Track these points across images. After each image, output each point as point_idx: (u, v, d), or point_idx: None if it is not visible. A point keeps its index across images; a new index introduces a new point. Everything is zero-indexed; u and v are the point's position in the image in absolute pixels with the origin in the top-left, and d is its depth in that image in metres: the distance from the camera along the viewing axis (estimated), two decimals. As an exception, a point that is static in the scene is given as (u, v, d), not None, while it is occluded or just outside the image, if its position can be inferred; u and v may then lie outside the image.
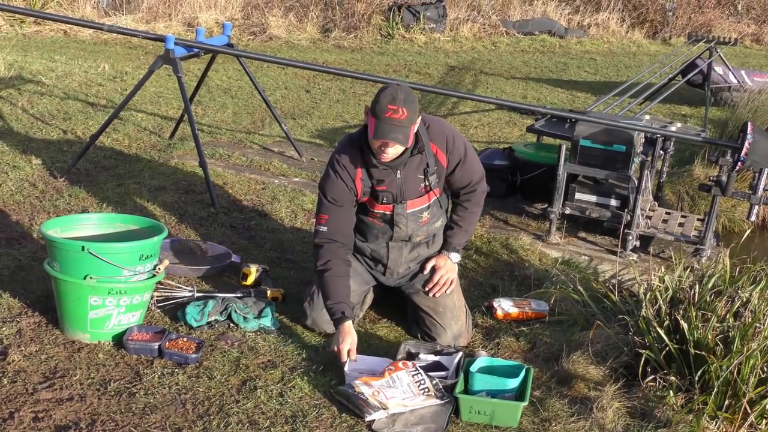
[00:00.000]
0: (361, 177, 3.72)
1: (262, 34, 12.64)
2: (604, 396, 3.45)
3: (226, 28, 6.03)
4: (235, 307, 3.85)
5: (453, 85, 10.81)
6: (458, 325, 3.92)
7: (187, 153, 6.26)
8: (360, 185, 3.73)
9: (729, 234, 6.65)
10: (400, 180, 3.74)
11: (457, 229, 3.98)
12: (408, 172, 3.74)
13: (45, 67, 8.68)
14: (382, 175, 3.72)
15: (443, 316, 3.90)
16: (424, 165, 3.76)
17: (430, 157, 3.76)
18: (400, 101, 3.47)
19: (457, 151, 3.80)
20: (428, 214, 3.89)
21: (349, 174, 3.70)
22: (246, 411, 3.19)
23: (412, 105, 3.50)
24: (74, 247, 3.47)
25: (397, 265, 3.97)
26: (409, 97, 3.52)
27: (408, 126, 3.50)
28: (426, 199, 3.85)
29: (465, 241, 4.07)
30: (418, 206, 3.84)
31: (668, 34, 16.19)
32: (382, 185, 3.74)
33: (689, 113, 9.86)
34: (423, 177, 3.77)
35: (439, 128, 3.80)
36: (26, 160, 5.74)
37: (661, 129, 5.47)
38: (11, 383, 3.20)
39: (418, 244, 3.97)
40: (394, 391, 3.31)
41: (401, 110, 3.46)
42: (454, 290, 3.99)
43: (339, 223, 3.74)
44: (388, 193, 3.77)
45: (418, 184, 3.78)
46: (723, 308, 3.70)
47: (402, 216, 3.83)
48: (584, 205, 5.40)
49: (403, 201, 3.79)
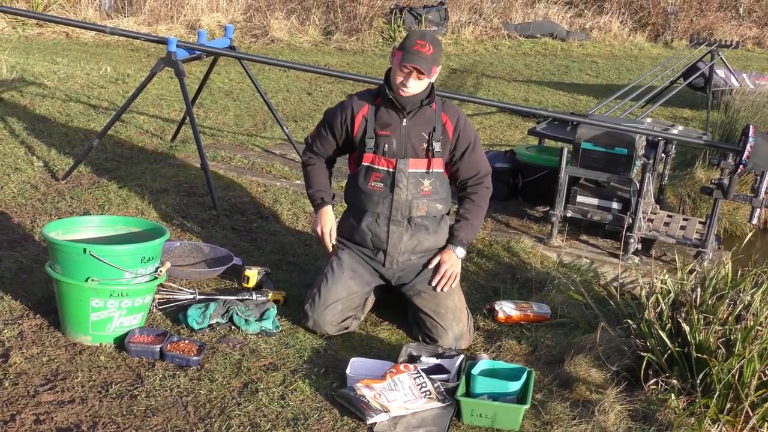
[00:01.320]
0: (364, 114, 3.91)
1: (264, 36, 12.66)
2: (605, 399, 3.45)
3: (228, 31, 6.03)
4: (236, 310, 3.85)
5: (455, 87, 10.82)
6: (459, 327, 3.92)
7: (189, 155, 6.27)
8: (360, 123, 3.91)
9: (731, 237, 6.65)
10: (404, 129, 3.86)
11: (464, 222, 4.02)
12: (413, 125, 3.88)
13: (47, 70, 8.69)
14: (388, 118, 3.88)
15: (444, 317, 3.90)
16: (431, 127, 3.89)
17: (438, 123, 3.90)
18: (429, 38, 3.76)
19: (467, 135, 3.95)
20: (429, 184, 3.93)
21: (353, 109, 3.93)
22: (247, 413, 3.19)
23: (438, 47, 3.78)
24: (76, 250, 3.47)
25: (397, 251, 3.96)
26: (436, 39, 3.81)
27: (432, 62, 3.74)
28: (431, 164, 3.91)
29: (471, 236, 4.07)
30: (421, 168, 3.91)
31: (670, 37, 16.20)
32: (386, 129, 3.87)
33: (691, 116, 9.86)
34: (427, 138, 3.87)
35: (453, 107, 4.00)
36: (28, 162, 5.74)
37: (662, 132, 5.47)
38: (12, 385, 3.20)
39: (418, 227, 3.95)
40: (396, 394, 3.31)
41: (428, 45, 3.72)
42: (456, 292, 3.98)
43: (320, 145, 4.08)
44: (390, 140, 3.86)
45: (421, 143, 3.89)
46: (725, 311, 3.69)
47: (403, 174, 3.87)
48: (586, 207, 5.40)
49: (405, 156, 3.87)
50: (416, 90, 3.80)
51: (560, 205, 5.29)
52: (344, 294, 3.90)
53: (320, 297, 3.87)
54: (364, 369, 3.50)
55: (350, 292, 3.90)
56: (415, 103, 3.85)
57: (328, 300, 3.87)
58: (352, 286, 3.91)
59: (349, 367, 3.48)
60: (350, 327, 3.96)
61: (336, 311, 3.87)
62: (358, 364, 3.53)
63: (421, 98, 3.85)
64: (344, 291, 3.91)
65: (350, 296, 3.89)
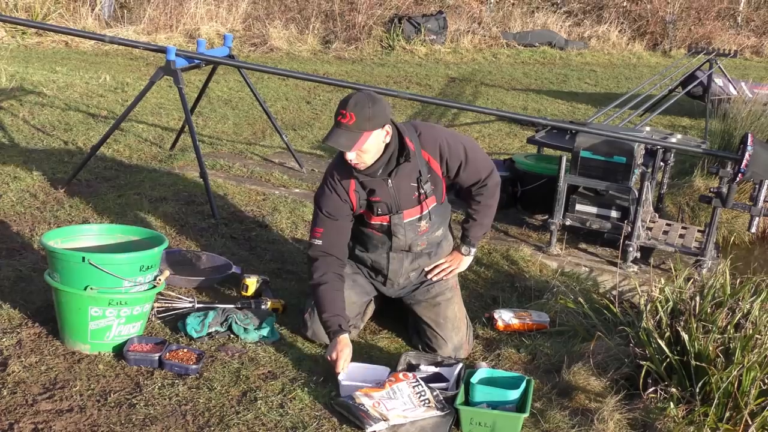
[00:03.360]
0: (354, 188, 3.72)
1: (263, 45, 12.67)
2: (604, 407, 3.45)
3: (227, 40, 6.05)
4: (235, 318, 3.85)
5: (454, 96, 10.84)
6: (459, 337, 3.91)
7: (188, 164, 6.27)
8: (354, 197, 3.73)
9: (729, 245, 6.65)
10: (392, 189, 3.72)
11: (473, 222, 3.99)
12: (400, 181, 3.72)
13: (46, 78, 8.70)
14: (374, 185, 3.71)
15: (444, 327, 3.90)
16: (417, 173, 3.73)
17: (422, 165, 3.73)
18: (351, 106, 3.43)
19: (456, 155, 3.76)
20: (426, 223, 3.87)
21: (343, 187, 3.71)
22: (246, 422, 3.18)
23: (364, 110, 3.43)
24: (75, 258, 3.46)
25: (398, 275, 3.97)
26: (363, 102, 3.45)
27: (357, 131, 3.44)
28: (421, 209, 3.82)
29: (482, 234, 4.05)
30: (414, 215, 3.82)
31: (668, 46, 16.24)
32: (376, 196, 3.73)
33: (689, 125, 9.88)
34: (416, 185, 3.75)
35: (431, 135, 3.75)
36: (27, 170, 5.74)
37: (661, 140, 5.47)
38: (11, 394, 3.19)
39: (420, 254, 3.96)
40: (395, 403, 3.31)
41: (349, 115, 3.42)
42: (455, 301, 3.99)
43: (334, 236, 3.74)
44: (382, 204, 3.76)
45: (412, 192, 3.76)
46: (724, 319, 3.69)
47: (399, 226, 3.82)
48: (585, 216, 5.40)
49: (399, 211, 3.78)
50: (370, 159, 3.57)
51: (559, 214, 5.30)
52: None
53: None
54: (357, 376, 3.49)
55: (349, 302, 3.88)
56: (386, 164, 3.63)
57: None
58: (351, 296, 3.91)
59: (342, 374, 3.47)
60: (350, 335, 3.95)
61: None
62: (351, 369, 3.53)
63: (387, 158, 3.62)
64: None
65: (349, 306, 3.88)
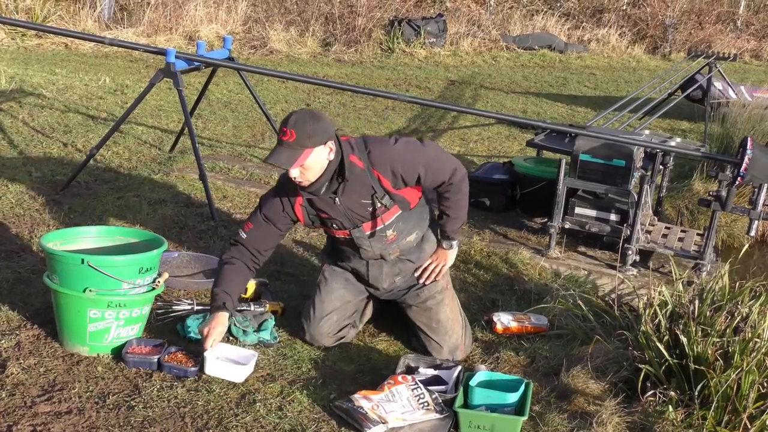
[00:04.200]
0: (301, 203, 3.68)
1: (263, 47, 12.68)
2: (603, 411, 3.45)
3: (227, 42, 6.05)
4: (234, 320, 3.85)
5: (453, 99, 10.84)
6: (453, 339, 3.90)
7: (187, 166, 6.27)
8: (301, 212, 3.69)
9: (728, 249, 6.65)
10: (341, 207, 3.65)
11: (447, 218, 3.89)
12: (349, 199, 3.63)
13: (46, 80, 8.71)
14: (321, 204, 3.65)
15: (437, 332, 3.88)
16: (370, 190, 3.62)
17: (374, 183, 3.62)
18: (291, 123, 3.40)
19: (411, 172, 3.63)
20: (393, 232, 3.78)
21: (290, 200, 3.68)
22: (245, 425, 3.18)
23: (304, 127, 3.40)
24: (74, 260, 3.47)
25: (379, 281, 3.92)
26: (304, 119, 3.43)
27: (297, 149, 3.39)
28: (386, 217, 3.72)
29: (459, 226, 3.95)
30: (378, 226, 3.72)
31: (668, 49, 16.24)
32: (325, 213, 3.69)
33: (689, 128, 9.88)
34: (370, 202, 3.65)
35: (381, 155, 3.62)
36: (26, 172, 5.74)
37: (660, 144, 5.48)
38: (10, 396, 3.19)
39: (399, 260, 3.90)
40: (394, 405, 3.31)
41: (289, 132, 3.39)
42: (447, 302, 3.95)
43: (260, 237, 3.74)
44: (336, 221, 3.71)
45: (367, 207, 3.67)
46: (722, 323, 3.69)
47: (363, 239, 3.75)
48: (584, 219, 5.40)
49: (358, 225, 3.72)
50: (313, 176, 3.51)
51: (558, 217, 5.30)
52: (338, 304, 3.89)
53: (314, 310, 3.87)
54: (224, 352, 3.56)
55: (344, 301, 3.90)
56: (329, 183, 3.57)
57: (323, 311, 3.86)
58: (346, 296, 3.91)
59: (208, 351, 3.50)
60: (348, 336, 3.95)
61: (331, 322, 3.87)
62: (220, 348, 3.58)
63: (330, 176, 3.56)
64: (338, 301, 3.90)
65: (344, 305, 3.89)
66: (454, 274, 4.90)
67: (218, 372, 3.45)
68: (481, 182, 6.18)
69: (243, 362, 3.52)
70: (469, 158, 7.69)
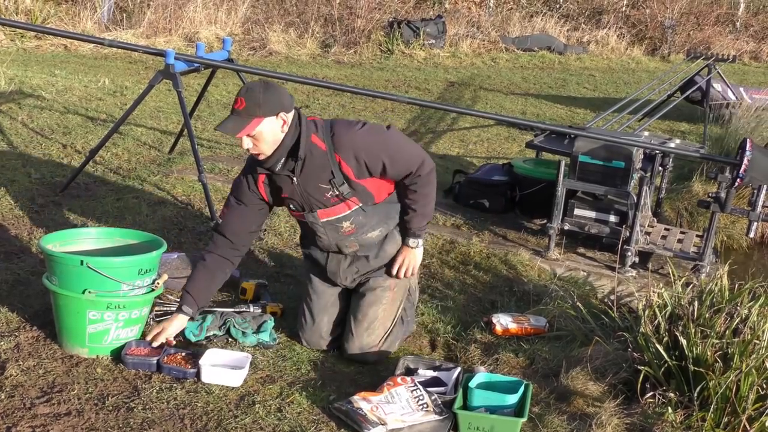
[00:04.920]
0: (263, 180, 3.71)
1: (262, 49, 12.68)
2: (603, 412, 3.45)
3: (227, 44, 6.05)
4: (233, 322, 3.85)
5: (452, 100, 10.84)
6: (370, 339, 3.81)
7: (187, 167, 6.27)
8: (264, 189, 3.72)
9: (728, 250, 6.65)
10: (298, 188, 3.64)
11: (413, 213, 3.80)
12: (306, 180, 3.62)
13: (45, 82, 8.71)
14: (279, 181, 3.67)
15: (359, 323, 3.81)
16: (328, 174, 3.60)
17: (334, 167, 3.60)
18: (243, 92, 3.50)
19: (374, 161, 3.61)
20: (350, 225, 3.73)
21: (253, 177, 3.71)
22: (244, 426, 3.18)
23: (254, 96, 3.46)
24: (73, 262, 3.47)
25: (337, 276, 3.89)
26: (256, 88, 3.50)
27: (246, 118, 3.46)
28: (343, 208, 3.69)
29: (425, 223, 3.84)
30: (333, 215, 3.70)
31: (667, 50, 16.24)
32: (283, 192, 3.69)
33: (688, 130, 9.88)
34: (329, 187, 3.63)
35: (345, 139, 3.61)
36: (25, 174, 5.74)
37: (660, 145, 5.48)
38: (9, 398, 3.19)
39: (356, 257, 3.85)
40: (393, 407, 3.31)
41: (240, 100, 3.47)
42: (384, 304, 3.85)
43: (234, 220, 3.76)
44: (292, 200, 3.71)
45: (324, 192, 3.64)
46: (722, 324, 3.69)
47: (317, 225, 3.74)
48: (583, 220, 5.40)
49: (312, 210, 3.71)
50: (267, 149, 3.53)
51: (557, 218, 5.30)
52: (324, 303, 3.90)
53: (305, 314, 3.89)
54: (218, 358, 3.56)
55: (330, 297, 3.91)
56: (284, 160, 3.58)
57: (315, 314, 3.87)
58: (329, 291, 3.93)
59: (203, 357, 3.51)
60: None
61: (324, 323, 3.87)
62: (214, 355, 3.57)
63: (285, 152, 3.56)
64: (324, 299, 3.91)
65: (332, 302, 3.91)
66: (454, 275, 4.90)
67: (215, 379, 3.44)
68: (480, 184, 6.19)
69: (238, 366, 3.52)
70: (469, 159, 7.69)
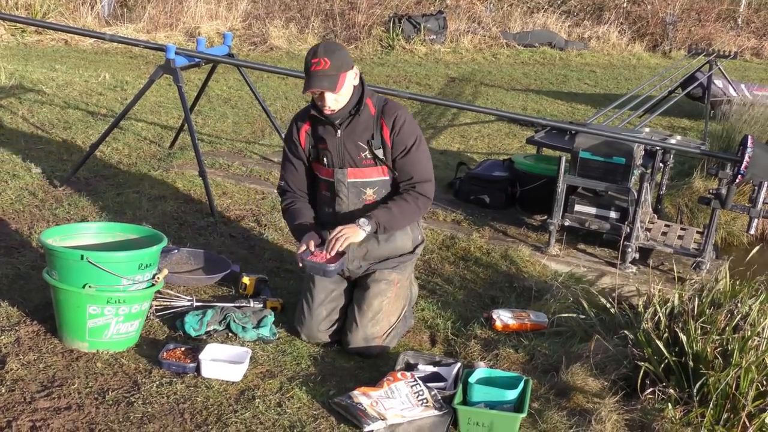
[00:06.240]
0: (306, 130, 3.86)
1: (263, 44, 12.67)
2: (602, 408, 3.45)
3: (227, 38, 6.05)
4: (233, 317, 3.85)
5: (453, 96, 10.83)
6: (374, 330, 3.83)
7: (187, 162, 6.27)
8: (305, 139, 3.86)
9: (728, 247, 6.65)
10: (339, 140, 3.77)
11: (384, 206, 3.80)
12: (349, 135, 3.77)
13: (46, 76, 8.70)
14: (324, 133, 3.80)
15: (363, 314, 3.83)
16: (370, 134, 3.77)
17: (376, 130, 3.78)
18: (321, 53, 3.62)
19: (403, 138, 3.78)
20: (373, 192, 3.84)
21: (297, 127, 3.89)
22: (244, 421, 3.18)
23: (334, 54, 3.62)
24: (73, 256, 3.46)
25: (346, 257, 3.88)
26: (331, 47, 3.67)
27: (334, 74, 3.61)
28: (372, 173, 3.82)
29: (386, 220, 3.76)
30: (360, 177, 3.82)
31: (668, 47, 16.23)
32: (324, 143, 3.81)
33: (689, 126, 9.88)
34: (366, 147, 3.77)
35: (394, 109, 3.81)
36: (26, 168, 5.74)
37: (660, 141, 5.47)
38: (9, 392, 3.19)
39: (367, 238, 3.79)
40: (393, 402, 3.31)
41: (322, 60, 3.59)
42: (388, 297, 3.88)
43: (295, 176, 3.94)
44: (328, 152, 3.81)
45: (359, 152, 3.78)
46: (722, 321, 3.70)
47: (342, 184, 3.82)
48: (584, 216, 5.40)
49: (344, 167, 3.80)
50: (340, 105, 3.70)
51: (558, 214, 5.30)
52: (323, 297, 3.89)
53: (304, 308, 3.89)
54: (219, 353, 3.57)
55: (328, 291, 3.91)
56: (345, 115, 3.74)
57: (313, 308, 3.87)
58: (329, 285, 3.92)
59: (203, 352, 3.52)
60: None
61: (322, 317, 3.87)
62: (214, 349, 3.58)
63: (349, 109, 3.74)
64: (322, 293, 3.90)
65: (331, 296, 3.90)
66: (454, 270, 4.91)
67: (215, 373, 3.45)
68: (481, 179, 6.18)
69: (238, 361, 3.52)
70: (469, 155, 7.69)
